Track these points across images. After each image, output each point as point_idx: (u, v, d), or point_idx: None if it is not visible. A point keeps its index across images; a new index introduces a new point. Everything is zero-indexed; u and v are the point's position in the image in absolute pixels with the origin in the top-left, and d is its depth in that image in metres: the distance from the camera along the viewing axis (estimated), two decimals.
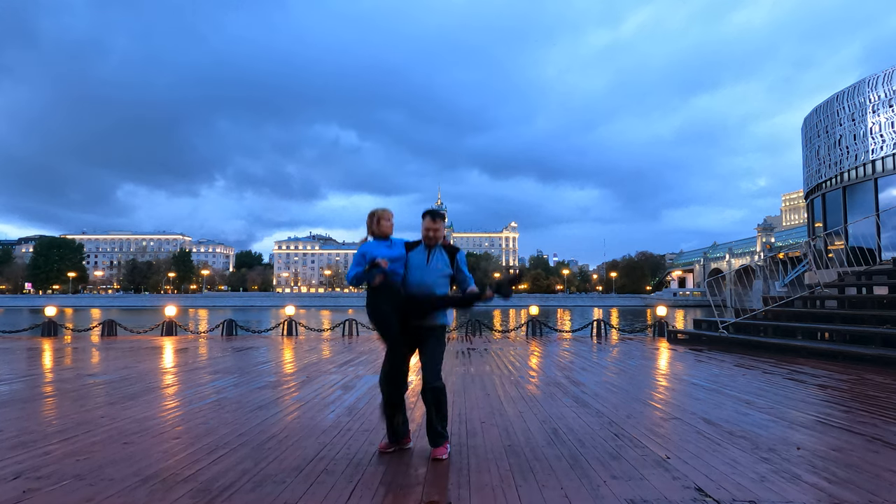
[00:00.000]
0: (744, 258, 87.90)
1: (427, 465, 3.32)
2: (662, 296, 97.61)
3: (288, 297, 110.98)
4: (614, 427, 4.35)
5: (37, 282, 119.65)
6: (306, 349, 10.90)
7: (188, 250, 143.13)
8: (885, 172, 18.26)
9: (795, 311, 11.75)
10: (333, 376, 7.11)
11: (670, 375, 7.52)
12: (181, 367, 8.12)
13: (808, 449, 3.73)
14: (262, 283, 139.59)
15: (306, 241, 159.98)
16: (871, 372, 7.35)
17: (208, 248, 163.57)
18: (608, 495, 2.85)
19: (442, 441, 3.50)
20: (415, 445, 3.76)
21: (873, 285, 11.31)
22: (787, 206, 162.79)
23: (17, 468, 3.26)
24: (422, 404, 3.67)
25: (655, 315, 14.34)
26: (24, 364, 8.60)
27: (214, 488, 2.93)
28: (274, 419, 4.61)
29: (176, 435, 4.08)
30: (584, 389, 6.14)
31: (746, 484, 3.02)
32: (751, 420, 4.59)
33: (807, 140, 23.49)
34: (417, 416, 4.48)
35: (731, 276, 67.53)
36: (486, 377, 7.04)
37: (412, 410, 4.61)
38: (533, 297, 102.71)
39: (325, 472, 3.21)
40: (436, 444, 3.50)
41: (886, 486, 3.02)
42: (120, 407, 5.09)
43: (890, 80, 19.02)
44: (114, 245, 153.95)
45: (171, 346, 11.52)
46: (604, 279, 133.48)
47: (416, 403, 4.65)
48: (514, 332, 16.18)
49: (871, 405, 5.23)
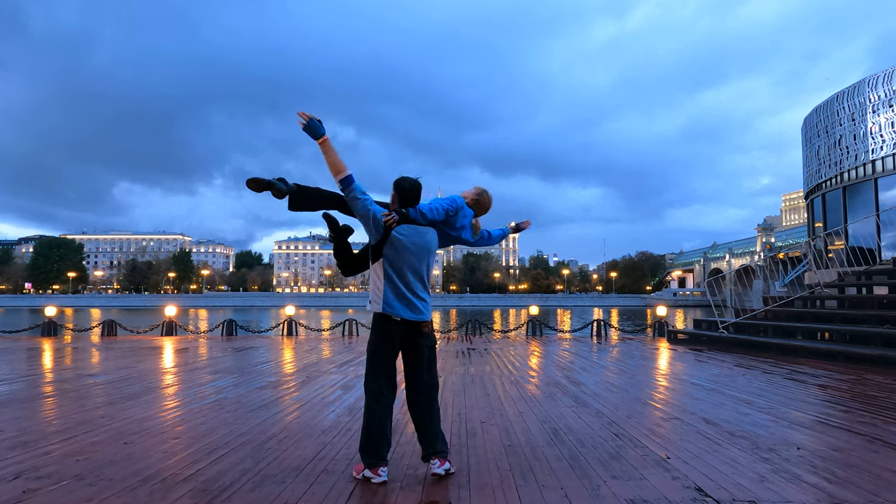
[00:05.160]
0: (744, 258, 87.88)
1: (427, 466, 3.32)
2: (662, 296, 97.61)
3: (288, 297, 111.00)
4: (614, 427, 4.35)
5: (37, 282, 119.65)
6: (306, 349, 10.90)
7: (188, 250, 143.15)
8: (885, 172, 18.26)
9: (795, 311, 11.75)
10: (333, 376, 7.11)
11: (670, 375, 7.52)
12: (181, 368, 8.12)
13: (808, 449, 3.73)
14: (262, 283, 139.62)
15: (306, 241, 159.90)
16: (871, 372, 7.35)
17: (208, 248, 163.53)
18: (608, 495, 2.85)
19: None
20: (415, 446, 3.76)
21: (873, 285, 11.31)
22: (787, 206, 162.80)
23: (17, 468, 3.26)
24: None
25: (655, 315, 14.34)
26: (24, 364, 8.60)
27: (214, 488, 2.93)
28: (274, 419, 4.61)
29: (176, 435, 4.08)
30: (584, 389, 6.14)
31: (746, 484, 3.02)
32: (751, 420, 4.59)
33: (807, 140, 23.49)
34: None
35: (731, 276, 67.52)
36: (486, 377, 7.04)
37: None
38: (533, 296, 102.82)
39: (325, 472, 3.21)
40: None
41: (886, 486, 3.01)
42: (120, 407, 5.09)
43: (890, 80, 19.02)
44: (114, 245, 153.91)
45: (171, 346, 11.52)
46: (604, 279, 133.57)
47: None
48: (514, 332, 16.18)
49: (871, 405, 5.23)
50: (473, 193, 3.57)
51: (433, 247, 3.24)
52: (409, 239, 3.12)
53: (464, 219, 3.48)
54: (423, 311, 3.17)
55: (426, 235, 3.19)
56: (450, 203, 3.32)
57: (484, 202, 3.60)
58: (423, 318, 3.17)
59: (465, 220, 3.49)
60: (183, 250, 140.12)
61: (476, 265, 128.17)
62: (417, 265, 3.15)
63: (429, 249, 3.20)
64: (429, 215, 3.20)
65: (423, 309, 3.18)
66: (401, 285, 3.11)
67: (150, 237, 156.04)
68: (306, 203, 3.27)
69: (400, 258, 3.11)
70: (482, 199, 3.59)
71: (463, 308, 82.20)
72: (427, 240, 3.19)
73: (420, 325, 3.17)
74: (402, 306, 3.10)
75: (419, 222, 3.18)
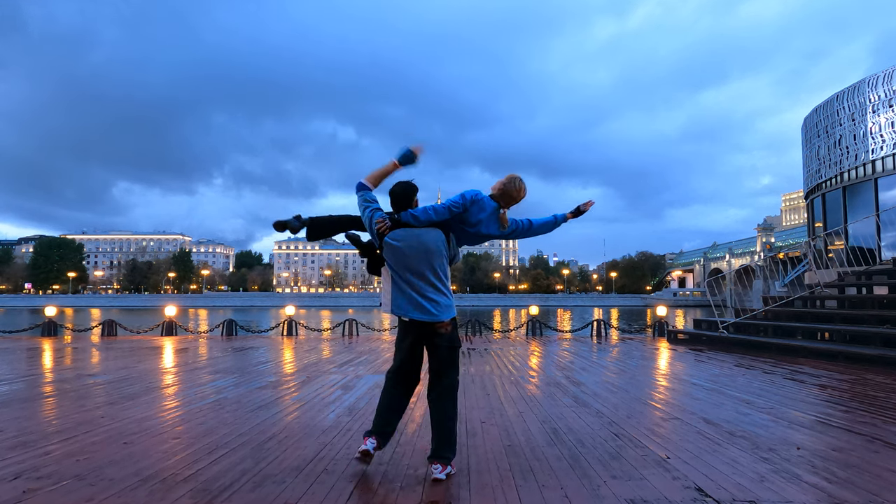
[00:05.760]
0: (744, 258, 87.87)
1: (427, 466, 3.32)
2: (662, 296, 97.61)
3: (288, 297, 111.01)
4: (614, 427, 4.35)
5: (37, 282, 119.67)
6: (306, 349, 10.90)
7: (188, 250, 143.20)
8: (885, 172, 18.27)
9: (795, 311, 11.75)
10: (333, 376, 7.11)
11: (670, 375, 7.52)
12: (181, 368, 8.12)
13: (808, 449, 3.73)
14: (262, 283, 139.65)
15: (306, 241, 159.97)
16: (871, 372, 7.35)
17: (208, 248, 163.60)
18: (608, 495, 2.85)
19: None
20: (415, 445, 3.77)
21: (873, 285, 11.31)
22: (787, 206, 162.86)
23: (17, 468, 3.26)
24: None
25: (655, 315, 14.34)
26: (24, 364, 8.60)
27: (214, 488, 2.93)
28: (274, 419, 4.61)
29: (176, 435, 4.08)
30: (584, 389, 6.14)
31: (746, 484, 3.03)
32: (751, 420, 4.59)
33: (807, 140, 23.49)
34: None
35: (731, 276, 67.52)
36: (486, 377, 7.03)
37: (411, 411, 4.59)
38: (533, 296, 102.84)
39: (325, 472, 3.21)
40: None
41: (886, 486, 3.02)
42: (120, 407, 5.08)
43: (890, 80, 19.02)
44: (113, 245, 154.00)
45: (171, 346, 11.52)
46: (604, 279, 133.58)
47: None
48: (514, 332, 16.18)
49: (871, 405, 5.23)
50: (499, 183, 3.34)
51: (433, 246, 3.16)
52: (404, 242, 3.13)
53: (480, 212, 3.29)
54: (433, 311, 3.11)
55: (423, 236, 3.16)
56: (458, 198, 3.23)
57: (509, 192, 3.32)
58: (436, 319, 3.12)
59: (482, 214, 3.29)
60: (183, 250, 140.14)
61: (476, 265, 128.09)
62: (418, 267, 3.13)
63: (428, 250, 3.14)
64: (422, 216, 3.16)
65: (434, 310, 3.12)
66: (405, 287, 3.15)
67: (150, 237, 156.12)
68: (322, 231, 3.60)
69: (398, 262, 3.15)
70: (507, 188, 3.32)
71: (463, 308, 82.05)
72: (424, 241, 3.15)
73: (433, 326, 3.15)
74: (410, 307, 3.14)
75: (413, 225, 3.17)
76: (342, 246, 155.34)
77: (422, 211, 3.19)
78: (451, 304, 3.21)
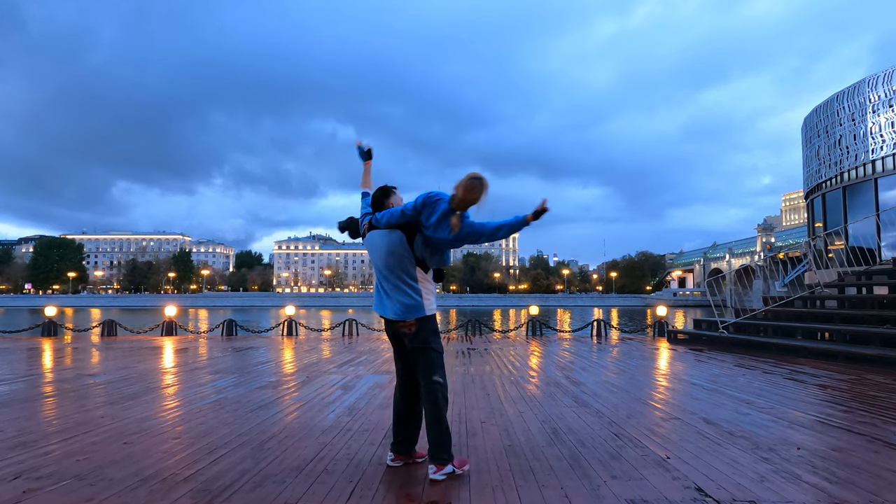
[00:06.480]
0: (744, 258, 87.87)
1: (427, 466, 3.32)
2: (662, 296, 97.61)
3: (288, 297, 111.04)
4: (614, 427, 4.35)
5: (37, 282, 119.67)
6: (306, 349, 10.90)
7: (188, 250, 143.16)
8: (885, 172, 18.27)
9: (795, 311, 11.75)
10: (333, 376, 7.11)
11: (670, 375, 7.52)
12: (181, 367, 8.12)
13: (808, 449, 3.73)
14: (262, 283, 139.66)
15: (306, 241, 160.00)
16: (871, 372, 7.35)
17: (208, 248, 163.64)
18: (608, 495, 2.86)
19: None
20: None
21: (873, 285, 11.31)
22: (787, 206, 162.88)
23: (17, 468, 3.27)
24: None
25: (655, 315, 14.33)
26: (24, 364, 8.60)
27: (214, 488, 2.93)
28: (274, 419, 4.61)
29: (176, 435, 4.08)
30: (584, 389, 6.14)
31: (746, 484, 3.03)
32: (751, 420, 4.59)
33: (807, 140, 23.50)
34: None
35: (731, 276, 67.53)
36: (486, 377, 7.04)
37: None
38: (533, 296, 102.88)
39: (325, 472, 3.21)
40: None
41: (886, 486, 3.02)
42: (120, 407, 5.09)
43: (890, 80, 19.03)
44: (113, 245, 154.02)
45: (171, 346, 11.52)
46: (604, 279, 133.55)
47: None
48: (514, 332, 16.18)
49: (871, 405, 5.23)
50: (457, 184, 3.05)
51: (392, 248, 3.16)
52: (370, 243, 3.33)
53: (431, 216, 3.10)
54: (397, 311, 3.14)
55: (380, 238, 3.24)
56: (411, 202, 3.16)
57: (461, 194, 3.01)
58: (399, 318, 3.14)
59: (432, 218, 3.10)
60: (183, 250, 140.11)
61: (476, 265, 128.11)
62: (382, 267, 3.24)
63: (388, 252, 3.18)
64: (383, 220, 3.22)
65: (398, 308, 3.14)
66: (378, 286, 3.32)
67: (150, 237, 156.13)
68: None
69: (372, 262, 3.37)
70: (458, 191, 3.02)
71: (463, 308, 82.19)
72: (385, 242, 3.21)
73: (398, 325, 3.19)
74: (379, 305, 3.30)
75: (381, 227, 3.26)
76: (342, 246, 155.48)
77: (383, 214, 3.25)
78: (420, 304, 3.15)
